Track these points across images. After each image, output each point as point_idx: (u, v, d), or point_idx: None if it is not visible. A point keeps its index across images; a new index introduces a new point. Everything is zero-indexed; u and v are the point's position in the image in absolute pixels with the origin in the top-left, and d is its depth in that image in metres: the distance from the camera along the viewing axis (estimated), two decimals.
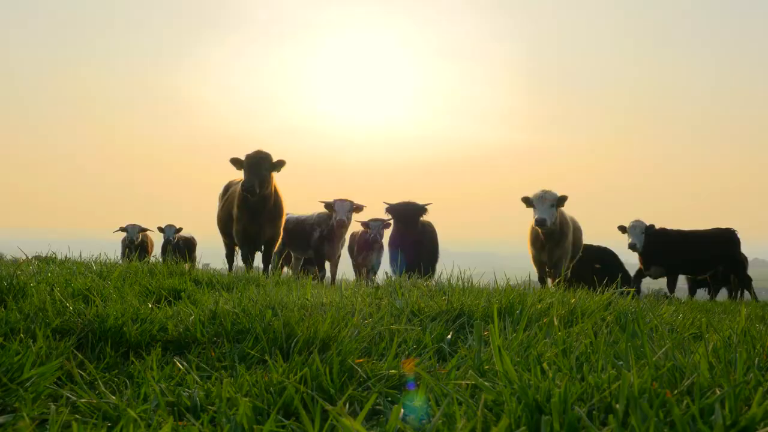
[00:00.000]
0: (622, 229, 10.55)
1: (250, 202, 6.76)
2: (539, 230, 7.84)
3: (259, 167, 6.62)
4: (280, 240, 7.35)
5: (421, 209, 8.60)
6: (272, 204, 6.90)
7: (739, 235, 10.79)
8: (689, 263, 10.73)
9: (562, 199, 7.78)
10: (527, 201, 7.84)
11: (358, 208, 8.56)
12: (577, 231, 8.67)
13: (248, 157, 6.67)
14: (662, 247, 10.47)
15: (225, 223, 7.39)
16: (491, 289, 3.50)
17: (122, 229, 13.03)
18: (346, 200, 8.46)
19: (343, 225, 8.48)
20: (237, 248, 7.62)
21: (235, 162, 6.76)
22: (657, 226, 10.69)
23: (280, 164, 6.79)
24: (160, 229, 12.96)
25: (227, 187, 7.72)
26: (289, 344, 2.24)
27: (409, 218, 8.49)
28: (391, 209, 8.62)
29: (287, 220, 8.40)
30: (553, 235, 7.91)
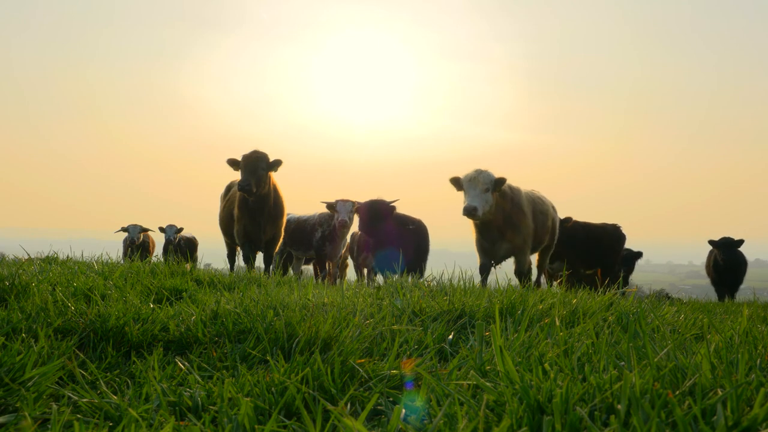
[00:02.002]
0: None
1: (250, 202, 6.77)
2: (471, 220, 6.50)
3: (255, 166, 6.63)
4: (281, 240, 7.36)
5: (389, 207, 8.41)
6: (273, 204, 6.91)
7: (624, 232, 10.42)
8: (578, 258, 10.26)
9: (499, 182, 6.32)
10: (456, 183, 6.44)
11: None
12: (541, 215, 7.16)
13: (245, 157, 6.69)
14: (564, 240, 9.97)
15: (226, 223, 7.40)
16: (492, 290, 3.51)
17: (123, 230, 13.06)
18: (348, 200, 8.45)
19: (345, 225, 8.48)
20: (238, 248, 7.62)
21: (232, 163, 6.75)
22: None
23: (277, 164, 6.80)
24: (161, 229, 12.97)
25: (228, 188, 7.73)
26: (291, 344, 2.24)
27: (378, 216, 8.26)
28: (359, 208, 8.42)
29: (289, 221, 8.37)
30: (491, 226, 6.54)
